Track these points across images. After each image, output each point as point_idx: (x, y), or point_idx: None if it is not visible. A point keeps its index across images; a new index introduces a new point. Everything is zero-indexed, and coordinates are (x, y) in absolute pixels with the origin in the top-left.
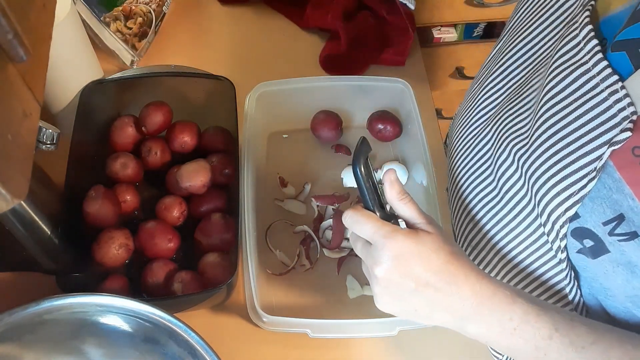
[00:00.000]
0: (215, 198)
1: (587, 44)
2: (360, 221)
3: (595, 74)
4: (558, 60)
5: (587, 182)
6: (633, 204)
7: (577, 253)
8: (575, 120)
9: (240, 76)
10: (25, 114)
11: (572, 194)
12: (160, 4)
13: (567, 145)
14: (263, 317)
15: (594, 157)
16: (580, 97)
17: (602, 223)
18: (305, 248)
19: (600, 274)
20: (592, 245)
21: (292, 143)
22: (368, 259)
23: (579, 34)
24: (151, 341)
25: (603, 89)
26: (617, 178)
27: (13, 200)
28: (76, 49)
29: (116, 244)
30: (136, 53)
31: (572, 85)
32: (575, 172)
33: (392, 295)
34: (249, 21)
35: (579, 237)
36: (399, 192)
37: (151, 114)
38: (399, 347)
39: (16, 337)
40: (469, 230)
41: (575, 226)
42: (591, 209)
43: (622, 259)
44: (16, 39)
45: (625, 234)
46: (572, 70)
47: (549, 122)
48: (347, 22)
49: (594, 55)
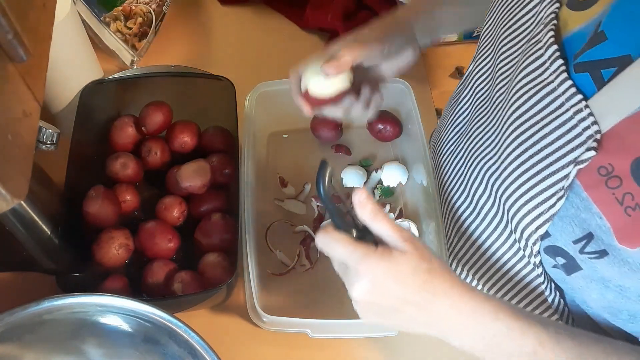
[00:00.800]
0: (215, 198)
1: (552, 64)
2: (332, 245)
3: (560, 93)
4: (523, 80)
5: (555, 200)
6: (601, 223)
7: (552, 268)
8: (541, 139)
9: (240, 76)
10: (25, 114)
11: (542, 212)
12: (160, 4)
13: (535, 164)
14: (263, 317)
15: (561, 176)
16: (547, 116)
17: (572, 242)
18: (305, 248)
19: (576, 288)
20: (565, 263)
21: (292, 143)
22: (345, 280)
23: (544, 53)
24: (151, 341)
25: (568, 108)
26: (585, 197)
27: (13, 200)
28: (76, 49)
29: (116, 244)
30: (136, 53)
31: (538, 104)
32: (544, 191)
33: (375, 313)
34: (249, 21)
35: (552, 254)
36: (371, 212)
37: (151, 114)
38: (399, 347)
39: (16, 337)
40: (455, 241)
41: (547, 244)
42: (561, 227)
43: (595, 275)
44: (16, 38)
45: (594, 252)
46: (538, 90)
47: (517, 141)
48: (347, 22)
49: (559, 74)
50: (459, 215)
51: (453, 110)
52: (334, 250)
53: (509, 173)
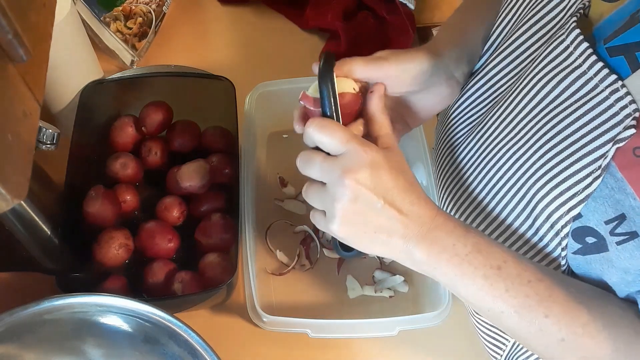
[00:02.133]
0: (215, 198)
1: (577, 48)
2: (333, 128)
3: (592, 76)
4: (547, 67)
5: (591, 180)
6: (635, 204)
7: (572, 254)
8: (576, 120)
9: (240, 76)
10: (25, 114)
11: (577, 192)
12: (160, 4)
13: (569, 145)
14: (263, 317)
15: (597, 155)
16: (580, 98)
17: (604, 222)
18: (305, 248)
19: (597, 269)
20: (595, 242)
21: (292, 143)
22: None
23: (566, 38)
24: (151, 341)
25: (603, 88)
26: (620, 178)
27: (13, 200)
28: (76, 49)
29: (116, 244)
30: (136, 53)
31: (569, 88)
32: (579, 171)
33: (356, 213)
34: (249, 21)
35: (579, 236)
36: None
37: (151, 114)
38: (399, 347)
39: (16, 337)
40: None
41: (577, 225)
42: (594, 208)
43: (618, 263)
44: (16, 38)
45: (625, 233)
46: (567, 75)
47: (548, 125)
48: (347, 22)
49: (587, 58)
50: (465, 206)
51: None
52: (334, 133)
53: (539, 156)
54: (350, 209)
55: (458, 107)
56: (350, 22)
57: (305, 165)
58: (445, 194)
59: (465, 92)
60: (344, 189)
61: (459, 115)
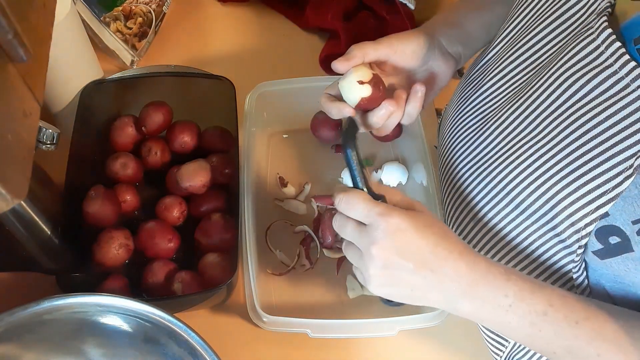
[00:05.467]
0: (215, 198)
1: (608, 48)
2: (354, 201)
3: (623, 75)
4: (573, 66)
5: (622, 179)
6: None
7: (592, 253)
8: (606, 119)
9: (240, 76)
10: (25, 114)
11: (606, 191)
12: (160, 4)
13: (599, 144)
14: (263, 317)
15: (629, 154)
16: (610, 97)
17: (631, 221)
18: (305, 248)
19: (621, 270)
20: (618, 242)
21: (292, 143)
22: (363, 240)
23: (596, 38)
24: (151, 341)
25: (635, 88)
26: None
27: (13, 200)
28: (76, 49)
29: (116, 244)
30: (136, 53)
31: (598, 87)
32: (608, 170)
33: (389, 276)
34: (249, 21)
35: (603, 235)
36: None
37: (151, 114)
38: (399, 347)
39: (16, 337)
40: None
41: (601, 224)
42: (622, 207)
43: None
44: (16, 39)
45: None
46: (597, 74)
47: (575, 123)
48: (347, 22)
49: (618, 57)
50: (477, 201)
51: (469, 98)
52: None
53: (566, 154)
54: (382, 275)
55: (469, 100)
56: (350, 22)
57: (340, 230)
58: (452, 190)
59: (476, 85)
60: (373, 258)
61: (470, 109)
